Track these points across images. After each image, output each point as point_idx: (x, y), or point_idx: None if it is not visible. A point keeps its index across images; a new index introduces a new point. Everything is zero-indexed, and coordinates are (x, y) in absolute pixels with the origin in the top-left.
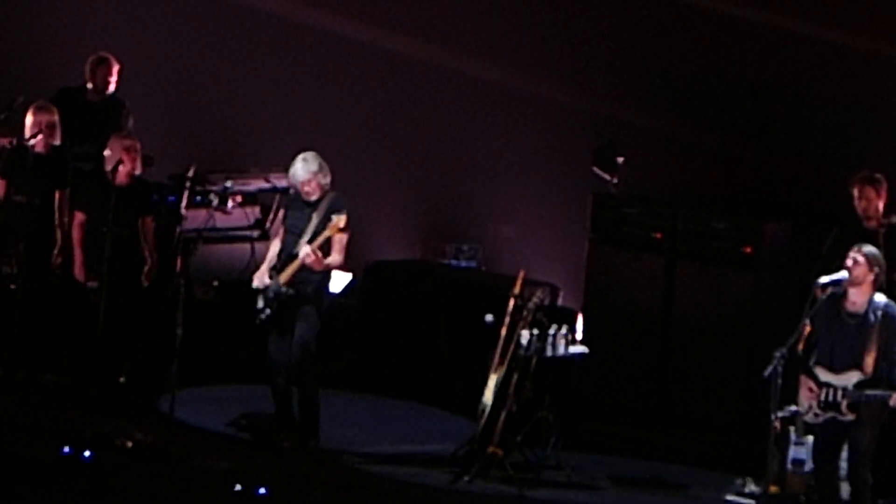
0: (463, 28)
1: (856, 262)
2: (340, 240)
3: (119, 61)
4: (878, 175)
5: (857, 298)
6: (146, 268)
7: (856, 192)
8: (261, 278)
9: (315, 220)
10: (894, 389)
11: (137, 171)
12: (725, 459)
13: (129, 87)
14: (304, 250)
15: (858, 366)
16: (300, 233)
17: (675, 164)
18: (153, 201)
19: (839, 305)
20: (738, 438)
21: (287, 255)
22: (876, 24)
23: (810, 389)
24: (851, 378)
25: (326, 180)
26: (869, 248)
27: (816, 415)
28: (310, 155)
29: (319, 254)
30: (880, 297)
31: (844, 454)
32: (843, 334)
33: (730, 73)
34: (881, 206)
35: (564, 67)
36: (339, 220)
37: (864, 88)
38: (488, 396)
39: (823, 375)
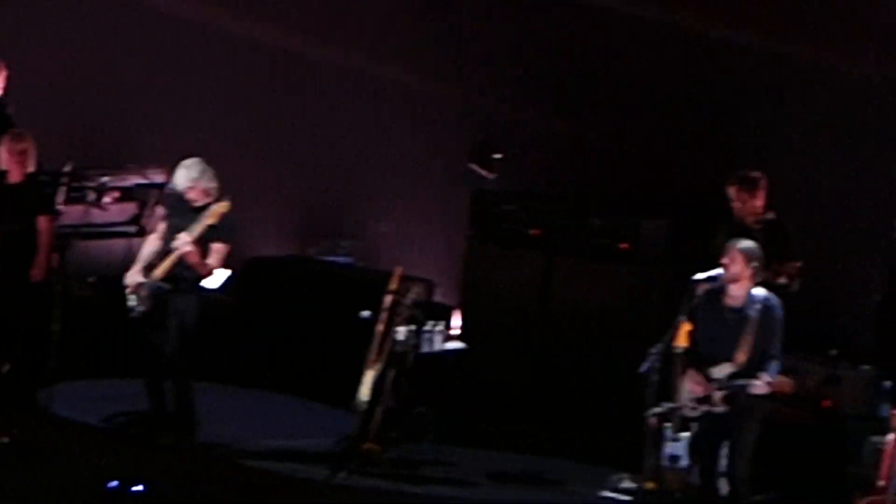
0: (341, 22)
1: (733, 257)
2: (219, 250)
3: (7, 67)
4: (752, 175)
5: (735, 293)
6: (34, 264)
7: (731, 194)
8: (133, 276)
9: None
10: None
11: (30, 170)
12: (603, 455)
13: (8, 83)
14: (181, 239)
15: (733, 358)
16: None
17: (552, 161)
18: (49, 199)
19: (718, 300)
20: (616, 434)
21: (164, 251)
22: (756, 20)
23: (696, 383)
24: (725, 370)
25: (211, 185)
26: (746, 243)
27: (694, 409)
28: (191, 162)
29: (196, 247)
30: (759, 291)
31: (724, 450)
32: (721, 328)
33: (607, 68)
34: (758, 204)
35: (442, 63)
36: (220, 206)
37: (743, 83)
38: (365, 392)
39: (703, 369)
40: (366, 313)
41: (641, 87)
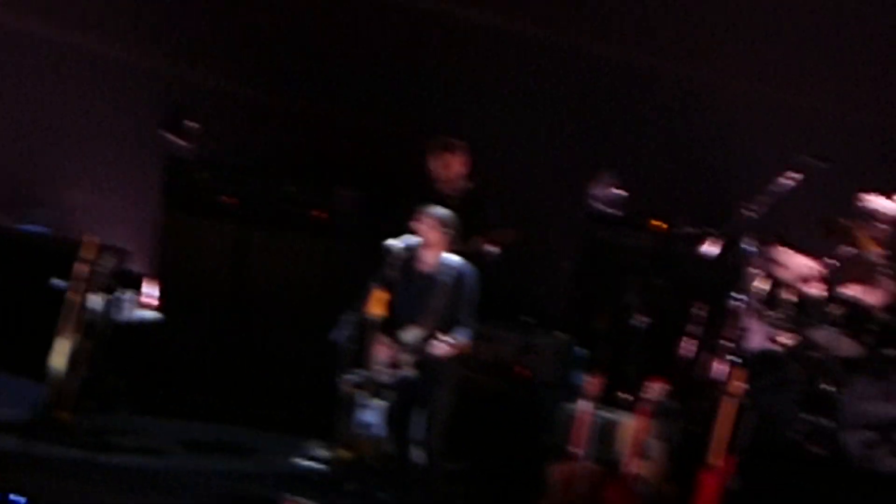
0: None
1: (425, 224)
2: None
3: None
4: (455, 141)
5: (428, 259)
6: None
7: (435, 159)
8: None
9: None
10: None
11: None
12: (296, 424)
13: None
14: None
15: (421, 323)
16: None
17: (247, 129)
18: None
19: (411, 266)
20: (310, 402)
21: None
22: None
23: (385, 349)
24: (414, 335)
25: None
26: (438, 211)
27: (385, 374)
28: None
29: None
30: (452, 257)
31: (418, 418)
32: (413, 294)
33: (301, 34)
34: (458, 171)
35: (135, 30)
36: None
37: (438, 51)
38: (59, 361)
39: (396, 335)
40: (59, 282)
41: (336, 55)
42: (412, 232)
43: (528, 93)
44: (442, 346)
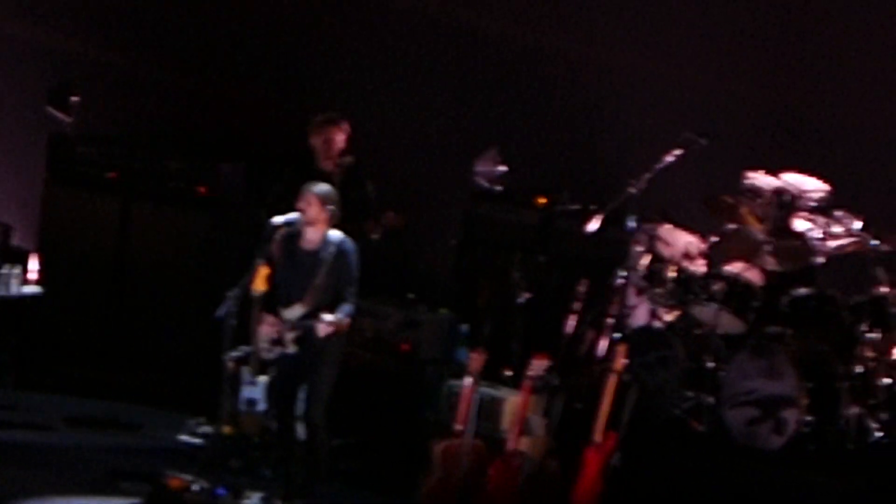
0: None
1: (308, 201)
2: None
3: None
4: (338, 116)
5: (312, 236)
6: None
7: (317, 134)
8: None
9: None
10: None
11: None
12: (180, 400)
13: None
14: None
15: (303, 300)
16: None
17: (130, 103)
18: None
19: (295, 243)
20: (193, 378)
21: None
22: None
23: (270, 325)
24: (296, 312)
25: None
26: (321, 187)
27: (269, 351)
28: None
29: None
30: (335, 234)
31: (302, 394)
32: (297, 271)
33: (185, 8)
34: (341, 146)
35: (18, 1)
36: None
37: (318, 24)
38: None
39: (279, 312)
40: None
41: (219, 30)
42: (296, 208)
43: (411, 68)
44: (323, 326)
